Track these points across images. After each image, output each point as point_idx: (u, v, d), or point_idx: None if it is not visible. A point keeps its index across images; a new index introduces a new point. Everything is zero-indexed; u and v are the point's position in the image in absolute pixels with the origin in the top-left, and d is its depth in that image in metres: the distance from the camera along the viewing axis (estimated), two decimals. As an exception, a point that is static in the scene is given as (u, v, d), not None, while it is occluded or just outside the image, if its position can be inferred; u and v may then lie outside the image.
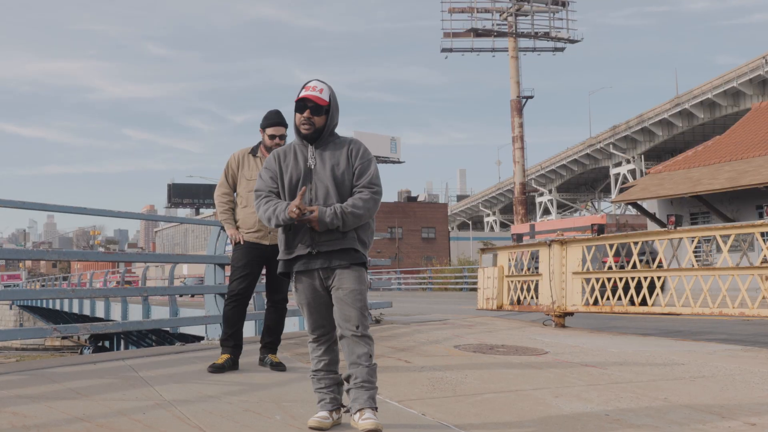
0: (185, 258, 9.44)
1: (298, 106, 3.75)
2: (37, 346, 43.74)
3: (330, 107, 3.79)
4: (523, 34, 63.94)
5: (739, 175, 24.16)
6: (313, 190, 3.70)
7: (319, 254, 3.67)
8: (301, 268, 3.71)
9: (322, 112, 3.76)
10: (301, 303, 3.77)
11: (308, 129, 3.74)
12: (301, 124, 3.75)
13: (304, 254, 3.68)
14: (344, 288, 3.66)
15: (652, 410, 4.26)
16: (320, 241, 3.66)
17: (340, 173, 3.72)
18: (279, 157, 3.85)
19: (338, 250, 3.68)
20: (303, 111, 3.74)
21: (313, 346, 3.84)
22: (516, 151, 62.50)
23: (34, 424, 3.70)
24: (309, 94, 3.73)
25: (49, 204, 6.72)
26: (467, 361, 6.30)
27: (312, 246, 3.66)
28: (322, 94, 3.76)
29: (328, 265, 3.67)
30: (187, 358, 6.40)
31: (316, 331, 3.80)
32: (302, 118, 3.74)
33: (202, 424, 3.79)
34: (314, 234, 3.65)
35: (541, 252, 10.23)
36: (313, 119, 3.74)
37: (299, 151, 3.80)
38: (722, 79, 56.77)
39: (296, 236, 3.69)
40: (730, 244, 8.09)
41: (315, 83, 3.80)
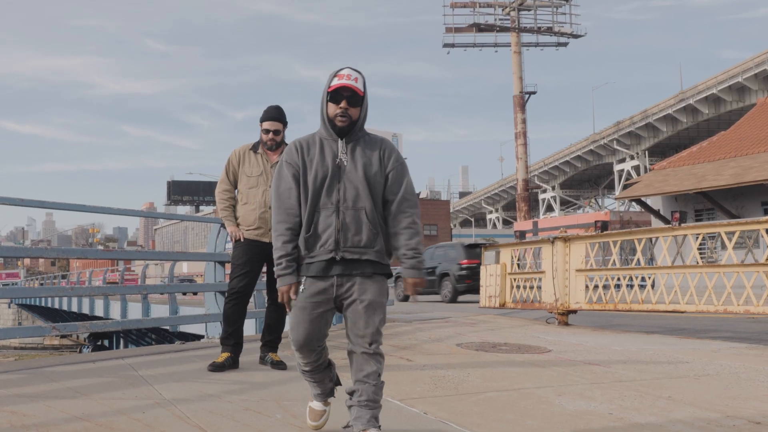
0: (185, 256, 9.46)
1: (334, 96, 3.42)
2: (36, 345, 43.81)
3: (365, 97, 3.50)
4: (526, 29, 63.90)
5: (744, 171, 24.14)
6: (341, 190, 3.38)
7: (342, 260, 3.37)
8: (319, 273, 3.37)
9: (359, 102, 3.45)
10: (300, 307, 3.40)
11: (345, 121, 3.42)
12: (337, 116, 3.41)
13: (326, 259, 3.36)
14: (364, 299, 3.37)
15: (656, 409, 4.26)
16: (346, 246, 3.36)
17: (372, 174, 3.43)
18: (302, 149, 3.49)
19: (368, 260, 3.40)
20: (339, 101, 3.40)
21: (299, 355, 3.53)
22: (519, 148, 62.48)
23: (32, 423, 3.71)
24: (346, 83, 3.39)
25: (47, 201, 6.71)
26: (470, 359, 6.31)
27: (336, 251, 3.36)
28: (358, 83, 3.43)
29: (349, 272, 3.38)
30: (187, 356, 6.41)
31: (306, 345, 3.45)
32: (338, 109, 3.40)
33: (203, 423, 3.80)
34: (340, 237, 3.35)
35: (544, 249, 10.23)
36: (350, 111, 3.42)
37: (327, 146, 3.47)
38: (727, 74, 56.70)
39: (318, 238, 3.37)
40: (735, 240, 8.09)
41: (348, 71, 3.44)
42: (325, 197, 3.38)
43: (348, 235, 3.36)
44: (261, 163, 5.82)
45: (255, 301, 9.02)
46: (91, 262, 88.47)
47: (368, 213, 3.40)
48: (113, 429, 3.64)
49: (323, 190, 3.39)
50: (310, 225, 3.38)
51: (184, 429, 3.68)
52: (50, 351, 40.33)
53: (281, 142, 5.89)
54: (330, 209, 3.37)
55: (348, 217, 3.37)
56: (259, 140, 5.94)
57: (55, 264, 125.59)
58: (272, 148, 5.85)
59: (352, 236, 3.36)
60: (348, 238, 3.36)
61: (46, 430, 3.59)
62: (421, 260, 3.45)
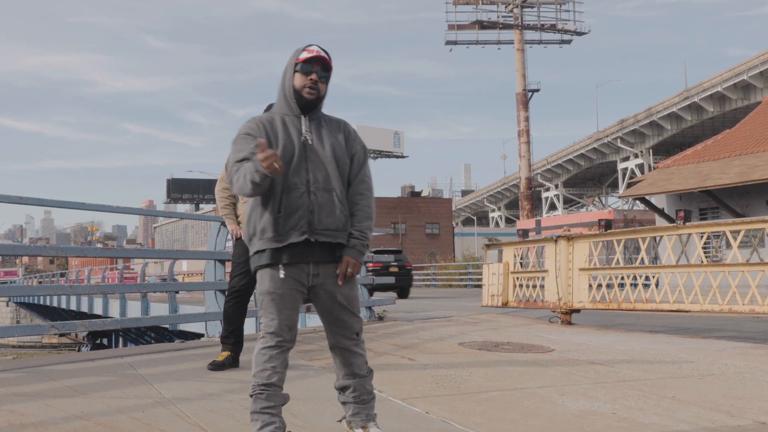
0: (185, 254, 9.46)
1: (304, 68, 3.32)
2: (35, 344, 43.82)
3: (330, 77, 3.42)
4: (529, 26, 63.82)
5: (749, 169, 24.10)
6: (311, 171, 3.25)
7: (316, 244, 3.22)
8: (294, 259, 3.20)
9: (328, 79, 3.38)
10: (274, 293, 3.21)
11: (313, 94, 3.32)
12: (305, 87, 3.30)
13: (299, 242, 3.21)
14: (343, 292, 3.28)
15: (660, 409, 4.26)
16: (319, 228, 3.21)
17: (340, 155, 3.33)
18: (264, 125, 3.32)
19: (340, 244, 3.28)
20: (310, 73, 3.31)
21: (272, 354, 3.23)
22: (522, 146, 62.44)
23: (31, 422, 3.71)
24: (317, 55, 3.32)
25: (46, 199, 6.71)
26: (472, 358, 6.31)
27: (310, 233, 3.20)
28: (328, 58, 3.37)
29: (323, 260, 3.24)
30: (187, 355, 6.41)
31: (283, 334, 3.22)
32: (308, 81, 3.30)
33: (203, 422, 3.80)
34: (313, 218, 3.20)
35: (547, 248, 10.22)
36: (319, 84, 3.33)
37: (290, 122, 3.33)
38: (732, 72, 56.60)
39: (288, 219, 3.19)
40: (740, 239, 8.07)
41: (317, 48, 3.36)
42: (294, 176, 3.23)
43: (321, 216, 3.22)
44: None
45: (255, 300, 9.01)
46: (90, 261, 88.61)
47: (339, 195, 3.29)
48: (112, 428, 3.64)
49: (291, 168, 3.24)
50: (279, 206, 3.20)
51: (184, 428, 3.68)
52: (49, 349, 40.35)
53: None
54: (301, 189, 3.22)
55: (320, 198, 3.23)
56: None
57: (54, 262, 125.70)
58: None
59: (325, 218, 3.23)
60: (321, 219, 3.22)
61: (44, 429, 3.59)
62: (366, 245, 3.33)
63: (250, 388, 3.24)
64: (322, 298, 3.29)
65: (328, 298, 3.28)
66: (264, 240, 3.23)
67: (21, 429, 3.57)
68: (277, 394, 3.24)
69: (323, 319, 3.38)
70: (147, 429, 3.64)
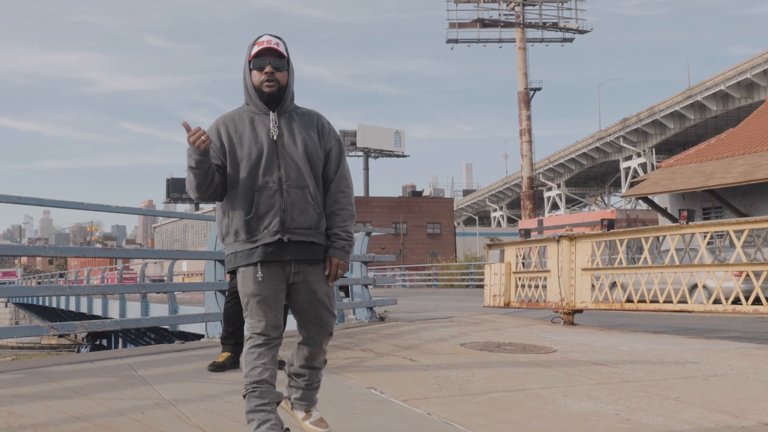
0: (185, 254, 9.45)
1: (256, 63, 3.26)
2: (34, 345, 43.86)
3: (290, 62, 3.34)
4: (531, 24, 63.81)
5: (753, 168, 24.09)
6: (282, 167, 3.21)
7: (290, 243, 3.20)
8: (269, 258, 3.18)
9: (285, 66, 3.29)
10: (259, 296, 3.19)
11: (273, 86, 3.25)
12: (263, 82, 3.25)
13: (272, 242, 3.19)
14: (324, 290, 3.30)
15: (663, 410, 4.25)
16: (292, 227, 3.20)
17: (312, 150, 3.28)
18: (225, 127, 3.29)
19: (313, 243, 3.27)
20: (263, 66, 3.25)
21: (260, 351, 3.21)
22: (523, 145, 62.42)
23: (30, 423, 3.71)
24: (267, 46, 3.25)
25: (45, 199, 6.71)
26: (474, 359, 6.31)
27: (283, 232, 3.18)
28: (279, 47, 3.28)
29: (299, 258, 3.23)
30: (187, 356, 6.41)
31: (270, 332, 3.21)
32: (263, 75, 3.25)
33: (203, 423, 3.80)
34: (286, 216, 3.18)
35: (549, 248, 10.22)
36: (276, 75, 3.26)
37: (258, 120, 3.29)
38: (735, 71, 56.57)
39: (261, 219, 3.18)
40: (744, 239, 8.07)
41: (268, 37, 3.30)
42: (264, 176, 3.20)
43: (294, 215, 3.20)
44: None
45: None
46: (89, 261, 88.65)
47: (311, 192, 3.26)
48: (112, 429, 3.64)
49: (260, 168, 3.21)
50: (251, 206, 3.18)
51: (184, 429, 3.68)
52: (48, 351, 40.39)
53: None
54: (272, 188, 3.19)
55: (292, 195, 3.21)
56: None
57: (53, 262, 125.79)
58: None
59: (297, 216, 3.21)
60: (294, 218, 3.20)
61: (44, 430, 3.59)
62: (351, 243, 3.35)
63: (243, 388, 3.24)
64: (302, 294, 3.29)
65: (308, 295, 3.29)
66: (238, 242, 3.22)
67: (20, 430, 3.57)
68: (270, 391, 3.23)
69: (299, 317, 3.37)
70: (147, 431, 3.64)
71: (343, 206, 3.34)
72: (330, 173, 3.36)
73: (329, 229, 3.33)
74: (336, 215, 3.33)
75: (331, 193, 3.35)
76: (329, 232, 3.33)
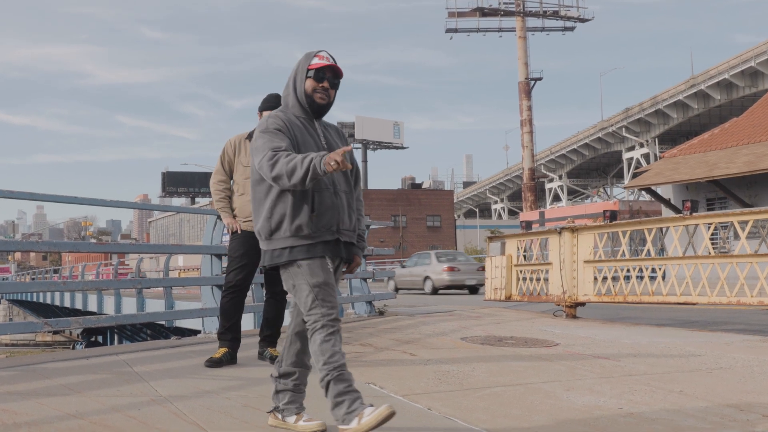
0: (181, 248, 9.45)
1: (317, 75, 3.51)
2: (28, 342, 43.88)
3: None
4: (531, 13, 63.72)
5: (757, 158, 24.07)
6: (333, 173, 3.46)
7: (341, 243, 3.52)
8: (326, 254, 3.44)
9: (337, 87, 3.60)
10: (329, 284, 3.40)
11: (324, 99, 3.54)
12: (316, 92, 3.52)
13: (330, 240, 3.46)
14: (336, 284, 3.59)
15: (667, 403, 4.26)
16: (343, 229, 3.50)
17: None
18: (289, 124, 3.52)
19: (352, 244, 3.61)
20: (321, 80, 3.52)
21: (335, 338, 3.36)
22: (524, 135, 62.41)
23: (24, 421, 3.71)
24: (330, 63, 3.52)
25: (38, 193, 6.71)
26: (475, 353, 6.31)
27: (339, 233, 3.48)
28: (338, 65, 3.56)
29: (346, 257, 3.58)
30: (184, 352, 6.42)
31: (336, 312, 3.41)
32: (319, 87, 3.52)
33: (200, 420, 3.80)
34: (340, 218, 3.47)
35: (551, 240, 10.22)
36: (330, 91, 3.56)
37: (307, 125, 3.57)
38: (739, 59, 56.52)
39: (321, 218, 3.41)
40: (749, 230, 8.08)
41: (327, 54, 3.56)
42: (323, 178, 3.39)
43: (343, 217, 3.50)
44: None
45: (253, 295, 9.02)
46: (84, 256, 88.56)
47: (351, 197, 3.60)
48: (108, 427, 3.64)
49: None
50: (313, 205, 3.40)
51: (181, 426, 3.68)
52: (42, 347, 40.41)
53: None
54: (330, 190, 3.45)
55: (342, 199, 3.51)
56: (255, 129, 5.92)
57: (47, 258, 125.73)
58: None
59: (346, 219, 3.51)
60: (344, 220, 3.50)
61: (38, 428, 3.59)
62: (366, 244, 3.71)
63: (325, 374, 3.32)
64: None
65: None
66: (297, 237, 3.41)
67: (15, 428, 3.57)
68: (348, 372, 3.38)
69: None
70: (143, 427, 3.64)
71: (361, 212, 3.70)
72: (352, 182, 3.68)
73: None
74: (358, 220, 3.68)
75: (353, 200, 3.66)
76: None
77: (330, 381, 3.31)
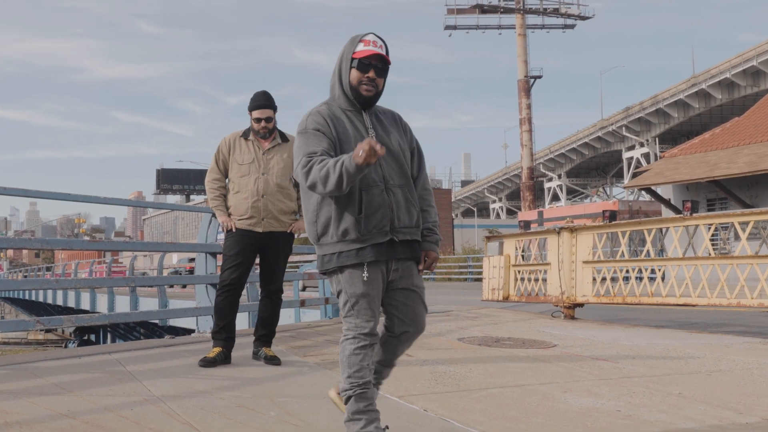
0: (175, 246, 9.45)
1: (360, 64, 3.30)
2: (20, 340, 43.84)
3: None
4: (531, 10, 63.67)
5: (759, 158, 24.10)
6: (384, 167, 3.28)
7: (398, 242, 3.29)
8: (379, 257, 3.24)
9: (386, 73, 3.37)
10: (369, 296, 3.25)
11: (371, 90, 3.32)
12: (362, 84, 3.30)
13: (383, 242, 3.24)
14: (418, 285, 3.39)
15: (666, 406, 4.27)
16: (399, 227, 3.27)
17: (404, 149, 3.41)
18: (331, 120, 3.32)
19: (415, 241, 3.38)
20: (367, 70, 3.30)
21: (366, 352, 3.27)
22: (523, 134, 62.39)
23: (15, 420, 3.71)
24: (375, 50, 3.30)
25: (31, 190, 6.68)
26: (472, 354, 6.31)
27: (393, 232, 3.25)
28: (384, 51, 3.34)
29: (402, 256, 3.31)
30: (177, 351, 6.41)
31: (376, 332, 3.31)
32: (365, 78, 3.30)
33: (193, 420, 3.80)
34: (394, 216, 3.25)
35: (549, 240, 10.23)
36: (377, 81, 3.33)
37: (354, 118, 3.36)
38: (741, 58, 56.53)
39: (370, 219, 3.19)
40: (749, 231, 8.08)
41: (374, 38, 3.33)
42: (370, 174, 3.23)
43: (400, 214, 3.28)
44: (252, 151, 5.80)
45: (248, 294, 9.02)
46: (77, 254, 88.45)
47: (410, 191, 3.37)
48: (100, 427, 3.64)
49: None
50: (359, 206, 3.20)
51: (174, 426, 3.68)
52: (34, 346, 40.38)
53: (273, 129, 5.88)
54: (379, 188, 3.24)
55: (397, 195, 3.29)
56: (249, 127, 5.92)
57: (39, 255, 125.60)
58: (265, 136, 5.83)
59: (403, 216, 3.29)
60: (400, 218, 3.28)
61: (30, 428, 3.59)
62: (440, 238, 3.50)
63: (347, 388, 3.26)
64: (400, 290, 3.37)
65: (406, 290, 3.37)
66: (344, 242, 3.23)
67: (5, 428, 3.57)
68: (373, 391, 3.33)
69: (395, 312, 3.40)
70: (135, 427, 3.64)
71: (429, 203, 3.50)
72: (414, 171, 3.48)
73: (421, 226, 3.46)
74: (425, 211, 3.48)
75: (418, 190, 3.47)
76: (422, 227, 3.45)
77: (352, 396, 3.26)
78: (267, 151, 5.80)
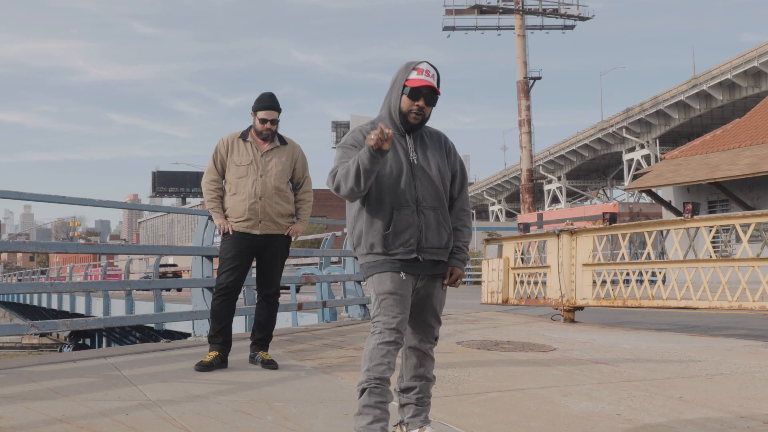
0: (171, 250, 9.43)
1: (412, 93, 3.45)
2: (14, 344, 43.75)
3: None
4: (530, 10, 63.73)
5: (760, 160, 24.13)
6: (419, 190, 3.45)
7: (423, 261, 3.45)
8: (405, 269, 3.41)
9: (435, 102, 3.51)
10: (397, 294, 3.39)
11: (419, 119, 3.47)
12: (411, 112, 3.45)
13: (407, 259, 3.42)
14: (437, 297, 3.54)
15: (666, 410, 4.27)
16: (426, 247, 3.44)
17: (443, 172, 3.55)
18: None
19: (442, 261, 3.53)
20: (417, 99, 3.44)
21: (389, 349, 3.38)
22: (523, 136, 62.43)
23: (10, 425, 3.70)
24: (427, 81, 3.44)
25: (25, 192, 6.68)
26: (471, 358, 6.32)
27: (418, 251, 3.43)
28: (435, 80, 3.49)
29: (430, 273, 3.48)
30: (173, 355, 6.41)
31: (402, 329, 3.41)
32: (414, 106, 3.45)
33: (189, 425, 3.80)
34: (422, 236, 3.42)
35: (549, 242, 10.23)
36: (425, 109, 3.48)
37: (396, 140, 3.50)
38: (742, 59, 56.59)
39: (397, 236, 3.39)
40: (751, 233, 8.09)
41: (427, 66, 3.48)
42: (404, 195, 3.41)
43: (428, 235, 3.44)
44: (251, 152, 5.80)
45: (245, 297, 9.02)
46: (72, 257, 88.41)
47: (443, 213, 3.51)
48: (95, 431, 3.64)
49: (399, 187, 3.42)
50: (389, 223, 3.40)
51: (170, 431, 3.68)
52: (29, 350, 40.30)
53: (276, 131, 5.88)
54: (411, 208, 3.42)
55: (427, 216, 3.44)
56: (248, 128, 5.92)
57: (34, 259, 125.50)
58: (267, 138, 5.82)
59: (431, 237, 3.45)
60: (428, 238, 3.44)
61: (24, 432, 3.59)
62: (468, 257, 3.65)
63: (363, 380, 3.35)
64: (418, 302, 3.51)
65: (424, 302, 3.53)
66: (372, 254, 3.45)
67: (-1, 433, 3.57)
68: (388, 389, 3.38)
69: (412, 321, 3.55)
70: (131, 432, 3.64)
71: (464, 223, 3.63)
72: (455, 192, 3.63)
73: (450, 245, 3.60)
74: (459, 231, 3.61)
75: (455, 210, 3.63)
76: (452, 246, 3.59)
77: (366, 389, 3.34)
78: (265, 153, 5.80)
